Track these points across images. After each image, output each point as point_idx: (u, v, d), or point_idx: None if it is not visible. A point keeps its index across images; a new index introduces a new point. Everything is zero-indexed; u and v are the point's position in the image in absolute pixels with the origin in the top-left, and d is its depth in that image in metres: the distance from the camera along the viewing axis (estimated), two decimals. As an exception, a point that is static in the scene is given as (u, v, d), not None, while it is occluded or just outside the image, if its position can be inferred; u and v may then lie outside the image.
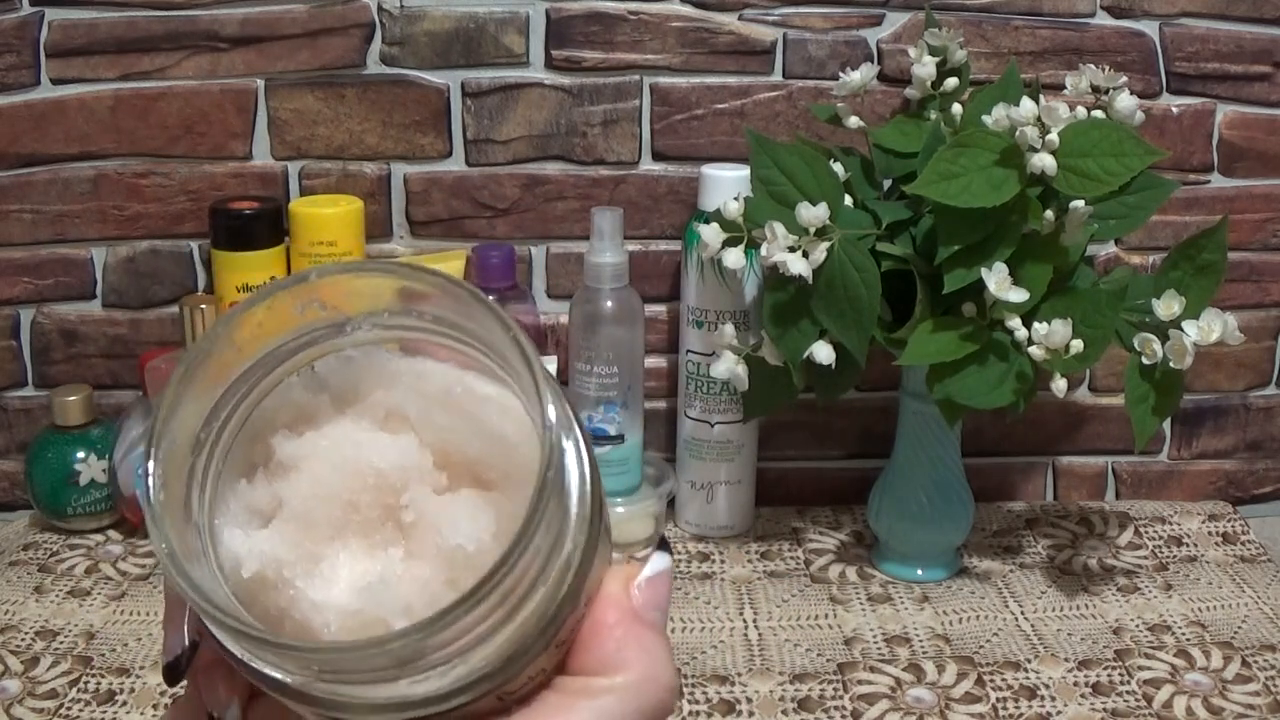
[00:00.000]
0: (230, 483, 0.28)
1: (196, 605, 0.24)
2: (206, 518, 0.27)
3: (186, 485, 0.27)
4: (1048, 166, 0.65)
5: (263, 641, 0.24)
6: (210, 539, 0.27)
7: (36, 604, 0.78)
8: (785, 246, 0.69)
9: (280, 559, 0.26)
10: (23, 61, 0.83)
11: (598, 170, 0.87)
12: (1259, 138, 0.88)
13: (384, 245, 0.87)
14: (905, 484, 0.81)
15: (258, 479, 0.28)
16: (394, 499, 0.27)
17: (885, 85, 0.85)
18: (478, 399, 0.28)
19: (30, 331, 0.88)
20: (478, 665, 0.25)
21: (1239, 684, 0.71)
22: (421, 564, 0.26)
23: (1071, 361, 0.67)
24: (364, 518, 0.27)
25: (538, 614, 0.26)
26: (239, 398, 0.28)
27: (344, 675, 0.25)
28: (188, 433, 0.27)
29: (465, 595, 0.23)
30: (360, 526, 0.27)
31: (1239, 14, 0.86)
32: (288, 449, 0.28)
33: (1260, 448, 0.95)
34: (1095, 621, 0.77)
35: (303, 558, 0.26)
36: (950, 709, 0.68)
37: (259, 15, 0.82)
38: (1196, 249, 0.70)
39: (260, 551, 0.26)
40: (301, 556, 0.26)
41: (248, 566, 0.26)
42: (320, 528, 0.27)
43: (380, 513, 0.27)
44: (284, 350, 0.28)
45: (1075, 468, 0.95)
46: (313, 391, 0.29)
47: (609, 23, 0.84)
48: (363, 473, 0.27)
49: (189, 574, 0.25)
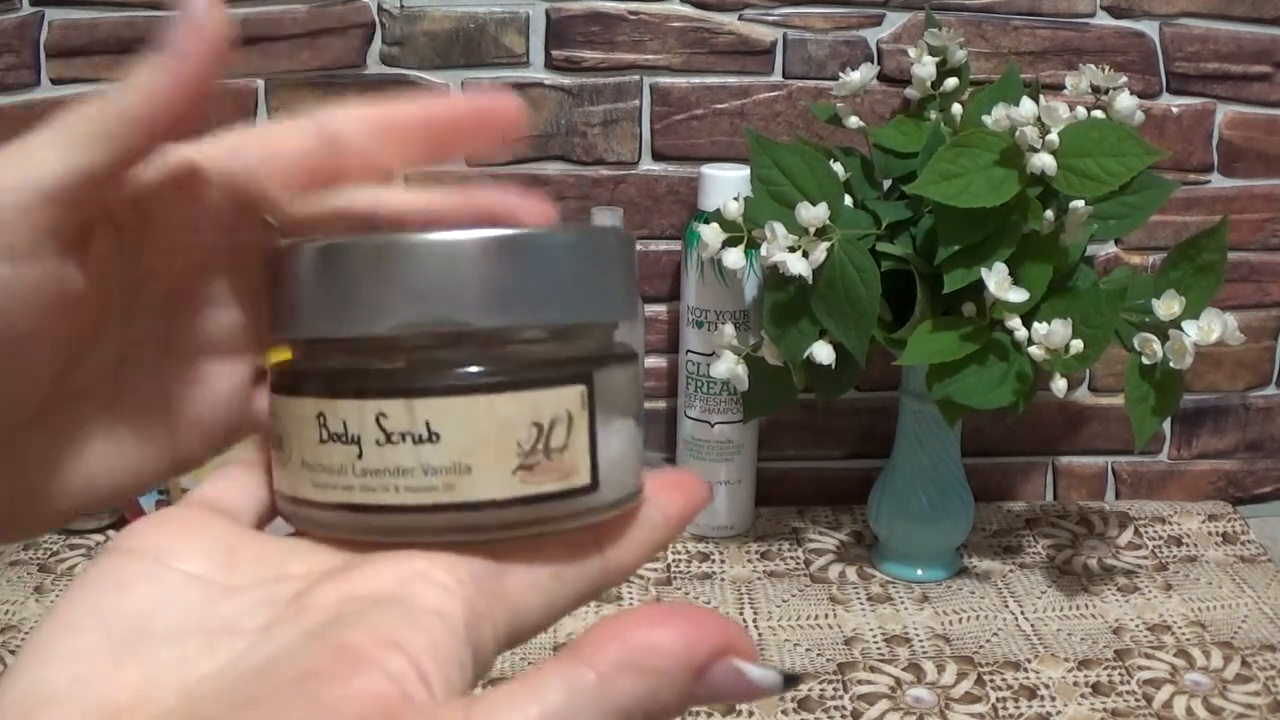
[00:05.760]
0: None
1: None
2: None
3: None
4: (1048, 166, 0.65)
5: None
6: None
7: (37, 604, 0.78)
8: (785, 246, 0.69)
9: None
10: (23, 61, 0.83)
11: (598, 170, 0.87)
12: (1259, 138, 0.88)
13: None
14: (905, 484, 0.81)
15: None
16: None
17: (885, 85, 0.85)
18: None
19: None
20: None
21: (1239, 684, 0.71)
22: None
23: (1071, 361, 0.67)
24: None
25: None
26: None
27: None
28: None
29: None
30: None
31: (1239, 14, 0.86)
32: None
33: (1260, 448, 0.95)
34: (1095, 621, 0.77)
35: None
36: (950, 709, 0.68)
37: (259, 15, 0.83)
38: (1196, 249, 0.70)
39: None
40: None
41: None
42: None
43: None
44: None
45: (1075, 468, 0.95)
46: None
47: (609, 23, 0.84)
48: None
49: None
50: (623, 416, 0.26)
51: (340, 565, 0.25)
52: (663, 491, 0.28)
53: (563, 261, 0.25)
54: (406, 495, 0.24)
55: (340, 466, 0.25)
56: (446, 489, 0.24)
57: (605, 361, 0.26)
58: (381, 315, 0.24)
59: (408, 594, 0.23)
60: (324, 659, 0.21)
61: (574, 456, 0.25)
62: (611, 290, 0.27)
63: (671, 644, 0.22)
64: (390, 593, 0.23)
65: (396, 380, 0.24)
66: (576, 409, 0.25)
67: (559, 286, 0.25)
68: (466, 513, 0.24)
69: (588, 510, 0.26)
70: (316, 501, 0.25)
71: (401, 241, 0.24)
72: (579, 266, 0.26)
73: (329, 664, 0.21)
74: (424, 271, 0.24)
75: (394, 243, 0.24)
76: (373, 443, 0.24)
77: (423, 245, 0.24)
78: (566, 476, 0.25)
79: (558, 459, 0.25)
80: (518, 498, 0.24)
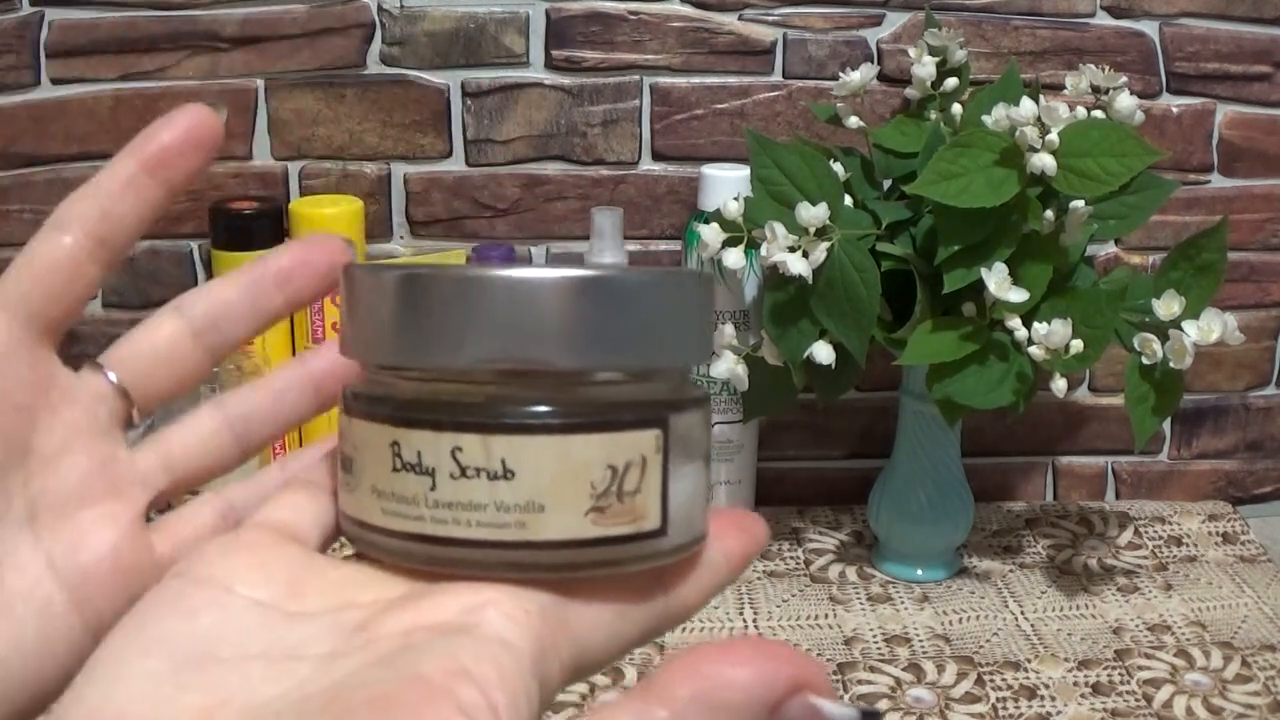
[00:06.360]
0: None
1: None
2: None
3: None
4: (1048, 166, 0.65)
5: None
6: None
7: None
8: (785, 246, 0.69)
9: None
10: (23, 61, 0.83)
11: (598, 170, 0.87)
12: (1259, 138, 0.88)
13: (384, 245, 0.87)
14: (905, 484, 0.81)
15: None
16: None
17: (885, 85, 0.85)
18: None
19: (30, 331, 0.88)
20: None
21: (1239, 684, 0.71)
22: None
23: (1071, 361, 0.67)
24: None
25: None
26: None
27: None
28: None
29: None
30: None
31: (1239, 14, 0.86)
32: None
33: (1260, 448, 0.95)
34: (1095, 621, 0.77)
35: None
36: (950, 709, 0.68)
37: (259, 15, 0.83)
38: (1196, 249, 0.70)
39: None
40: None
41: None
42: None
43: None
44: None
45: (1075, 468, 0.95)
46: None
47: (609, 23, 0.84)
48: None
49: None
50: (693, 460, 0.27)
51: (406, 593, 0.25)
52: (725, 532, 0.28)
53: (645, 305, 0.25)
54: (478, 530, 0.24)
55: (413, 496, 0.25)
56: (518, 526, 0.24)
57: (680, 405, 0.26)
58: (462, 348, 0.24)
59: (475, 624, 0.23)
60: (396, 687, 0.21)
61: (645, 500, 0.25)
62: (689, 334, 0.27)
63: (746, 680, 0.22)
64: (458, 623, 0.23)
65: (474, 415, 0.24)
66: (650, 453, 0.25)
67: (640, 330, 0.25)
68: (536, 551, 0.24)
69: (655, 554, 0.26)
70: (385, 528, 0.25)
71: (485, 276, 0.24)
72: (660, 310, 0.26)
73: (401, 692, 0.21)
74: (507, 308, 0.24)
75: (478, 277, 0.25)
76: (447, 475, 0.24)
77: (507, 282, 0.24)
78: (636, 520, 0.25)
79: (629, 502, 0.25)
80: (588, 539, 0.25)
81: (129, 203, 0.30)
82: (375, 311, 0.26)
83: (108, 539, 0.29)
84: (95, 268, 0.30)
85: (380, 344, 0.26)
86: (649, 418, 0.25)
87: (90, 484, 0.29)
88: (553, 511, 0.24)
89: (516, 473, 0.24)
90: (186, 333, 0.31)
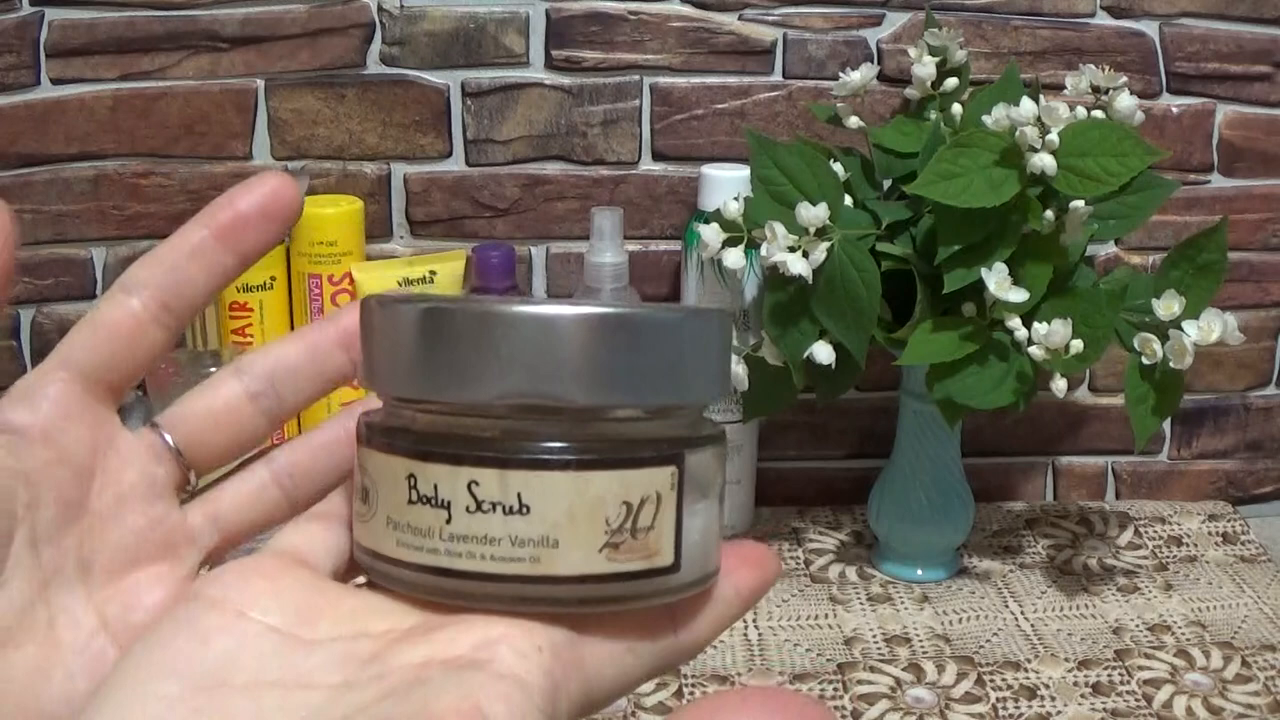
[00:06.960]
0: None
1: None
2: None
3: None
4: (1048, 166, 0.65)
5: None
6: None
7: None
8: (785, 246, 0.69)
9: None
10: (23, 61, 0.83)
11: (598, 170, 0.87)
12: (1259, 138, 0.88)
13: (384, 245, 0.87)
14: (905, 484, 0.81)
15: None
16: None
17: (885, 85, 0.85)
18: None
19: (30, 332, 0.88)
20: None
21: (1239, 684, 0.71)
22: None
23: (1071, 361, 0.67)
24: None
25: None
26: None
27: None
28: None
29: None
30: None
31: (1239, 14, 0.86)
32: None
33: (1260, 448, 0.95)
34: (1095, 621, 0.77)
35: None
36: (950, 709, 0.68)
37: (259, 15, 0.83)
38: (1196, 249, 0.70)
39: None
40: None
41: None
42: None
43: None
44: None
45: (1075, 468, 0.95)
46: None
47: (609, 23, 0.84)
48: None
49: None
50: (707, 496, 0.27)
51: (419, 625, 0.25)
52: (737, 567, 0.29)
53: (665, 343, 0.25)
54: (492, 564, 0.24)
55: (428, 529, 0.25)
56: (533, 561, 0.24)
57: (696, 443, 0.26)
58: (481, 383, 0.24)
59: (488, 660, 0.23)
60: None
61: (659, 537, 0.25)
62: (708, 372, 0.27)
63: None
64: (471, 658, 0.23)
65: (491, 449, 0.25)
66: (665, 490, 0.25)
67: (659, 368, 0.25)
68: (550, 585, 0.25)
69: (668, 590, 0.26)
70: (400, 560, 0.26)
71: (506, 312, 0.25)
72: (680, 349, 0.26)
73: None
74: (529, 344, 0.24)
75: (499, 313, 0.25)
76: (463, 509, 0.25)
77: (527, 318, 0.24)
78: (650, 557, 0.25)
79: (643, 539, 0.25)
80: (602, 574, 0.25)
81: (198, 269, 0.30)
82: (395, 344, 0.26)
83: (160, 599, 0.29)
84: (160, 332, 0.29)
85: (399, 376, 0.26)
86: (665, 455, 0.25)
87: (144, 545, 0.29)
88: (567, 547, 0.24)
89: (532, 508, 0.24)
90: (244, 395, 0.30)
